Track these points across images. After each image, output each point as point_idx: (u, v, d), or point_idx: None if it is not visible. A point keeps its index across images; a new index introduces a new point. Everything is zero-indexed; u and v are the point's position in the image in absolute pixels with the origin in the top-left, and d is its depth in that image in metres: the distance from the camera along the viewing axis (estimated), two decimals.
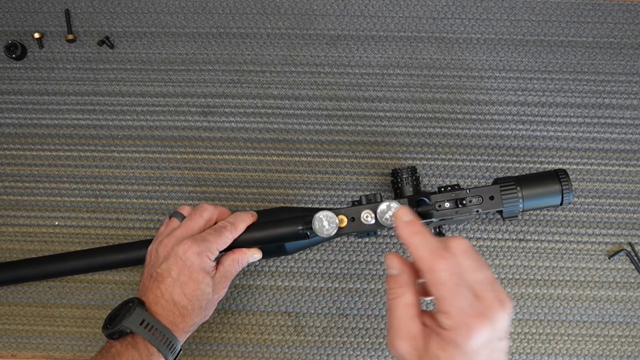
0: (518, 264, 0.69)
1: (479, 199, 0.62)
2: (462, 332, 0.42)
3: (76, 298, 0.70)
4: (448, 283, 0.43)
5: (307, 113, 0.73)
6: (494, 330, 0.43)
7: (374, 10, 0.75)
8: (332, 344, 0.68)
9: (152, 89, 0.74)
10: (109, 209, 0.72)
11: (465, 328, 0.42)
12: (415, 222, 0.47)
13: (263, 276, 0.70)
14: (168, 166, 0.72)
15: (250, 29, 0.75)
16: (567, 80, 0.73)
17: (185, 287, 0.57)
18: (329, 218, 0.59)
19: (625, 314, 0.68)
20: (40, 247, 0.71)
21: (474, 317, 0.42)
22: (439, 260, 0.44)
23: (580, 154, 0.72)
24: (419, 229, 0.47)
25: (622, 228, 0.70)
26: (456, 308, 0.43)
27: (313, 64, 0.74)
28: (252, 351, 0.68)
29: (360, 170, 0.72)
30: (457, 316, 0.42)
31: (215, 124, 0.73)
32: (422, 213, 0.63)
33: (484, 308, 0.43)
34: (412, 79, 0.74)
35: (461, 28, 0.75)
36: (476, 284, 0.44)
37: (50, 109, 0.74)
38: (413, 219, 0.48)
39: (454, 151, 0.72)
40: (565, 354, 0.68)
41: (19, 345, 0.69)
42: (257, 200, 0.71)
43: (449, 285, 0.43)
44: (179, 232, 0.60)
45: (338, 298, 0.69)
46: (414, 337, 0.44)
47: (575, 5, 0.75)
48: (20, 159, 0.73)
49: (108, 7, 0.76)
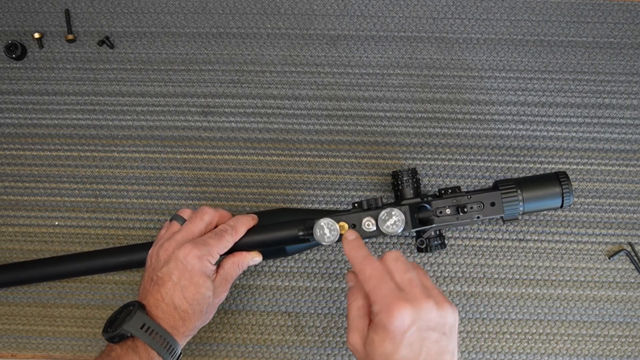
0: (518, 264, 0.69)
1: (479, 205, 0.62)
2: (385, 313, 0.49)
3: (76, 298, 0.70)
4: (373, 277, 0.52)
5: (307, 113, 0.73)
6: (419, 316, 0.49)
7: (374, 10, 0.75)
8: (332, 344, 0.68)
9: (152, 89, 0.74)
10: (109, 209, 0.72)
11: (387, 309, 0.49)
12: (356, 241, 0.57)
13: (263, 276, 0.70)
14: (168, 166, 0.72)
15: (250, 29, 0.75)
16: (567, 80, 0.73)
17: (185, 291, 0.57)
18: (330, 225, 0.59)
19: (625, 314, 0.68)
20: (40, 247, 0.71)
21: (395, 300, 0.49)
22: (367, 263, 0.53)
23: (580, 154, 0.72)
24: (357, 245, 0.56)
25: (622, 228, 0.70)
26: (380, 294, 0.50)
27: (313, 64, 0.74)
28: (252, 351, 0.68)
29: (360, 170, 0.72)
30: (380, 300, 0.50)
31: (215, 124, 0.73)
32: (422, 219, 0.63)
33: (406, 295, 0.50)
34: (412, 79, 0.74)
35: (461, 28, 0.74)
36: (403, 281, 0.51)
37: (50, 109, 0.74)
38: (355, 239, 0.57)
39: (454, 151, 0.72)
40: (565, 354, 0.68)
41: (19, 345, 0.69)
42: (257, 200, 0.71)
43: (374, 278, 0.51)
44: (180, 235, 0.60)
45: (338, 298, 0.69)
46: (362, 330, 0.52)
47: (575, 5, 0.75)
48: (20, 159, 0.73)
49: (108, 7, 0.76)
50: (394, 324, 0.48)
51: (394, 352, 0.48)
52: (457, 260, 0.70)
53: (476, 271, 0.69)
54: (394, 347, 0.48)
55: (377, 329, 0.50)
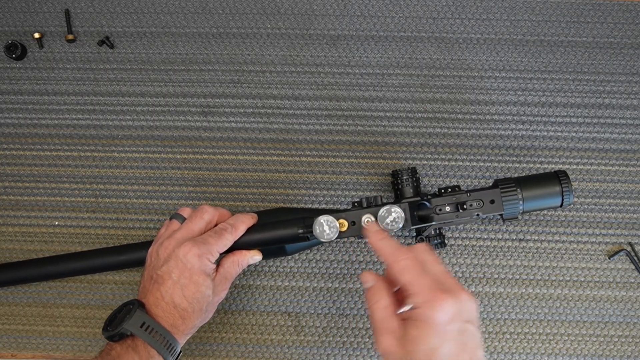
0: (518, 264, 0.69)
1: (479, 202, 0.62)
2: (430, 305, 0.46)
3: (76, 298, 0.70)
4: (411, 267, 0.49)
5: (307, 113, 0.73)
6: (460, 308, 0.47)
7: (374, 10, 0.75)
8: (332, 344, 0.68)
9: (152, 89, 0.74)
10: (109, 209, 0.72)
11: (432, 301, 0.46)
12: (382, 231, 0.55)
13: (263, 276, 0.70)
14: (168, 166, 0.72)
15: (250, 29, 0.75)
16: (567, 80, 0.73)
17: (185, 289, 0.57)
18: (330, 222, 0.59)
19: (625, 314, 0.68)
20: (40, 247, 0.71)
21: (439, 292, 0.47)
22: (401, 253, 0.50)
23: (580, 154, 0.72)
24: (384, 236, 0.54)
25: (622, 228, 0.70)
26: (422, 286, 0.47)
27: (313, 64, 0.74)
28: (252, 351, 0.68)
29: (360, 170, 0.72)
30: (423, 292, 0.47)
31: (215, 124, 0.73)
32: (422, 217, 0.63)
33: (448, 287, 0.47)
34: (412, 79, 0.74)
35: (461, 28, 0.74)
36: (437, 273, 0.49)
37: (50, 109, 0.74)
38: (380, 230, 0.56)
39: (454, 151, 0.72)
40: (565, 354, 0.68)
41: (19, 345, 0.69)
42: (257, 200, 0.71)
43: (413, 269, 0.49)
44: (180, 234, 0.60)
45: (338, 298, 0.69)
46: (394, 331, 0.48)
47: (575, 5, 0.75)
48: (20, 159, 0.73)
49: (108, 7, 0.76)
50: (440, 317, 0.46)
51: (438, 346, 0.46)
52: (457, 260, 0.70)
53: (476, 271, 0.69)
54: (438, 341, 0.46)
55: (418, 324, 0.47)
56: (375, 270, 0.70)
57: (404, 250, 0.51)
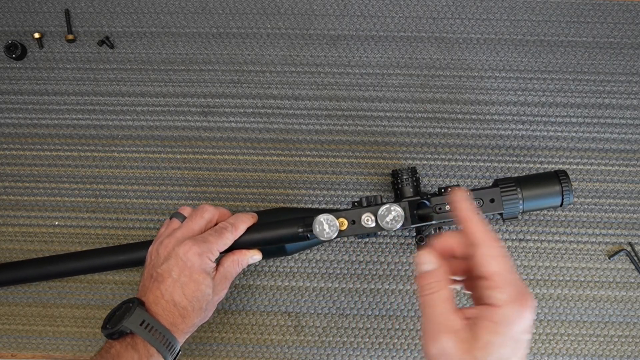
0: (518, 264, 0.69)
1: (479, 201, 0.62)
2: (516, 309, 0.40)
3: (76, 298, 0.70)
4: (505, 258, 0.42)
5: (307, 113, 0.73)
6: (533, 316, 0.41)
7: (374, 10, 0.75)
8: (332, 344, 0.68)
9: (152, 89, 0.74)
10: (109, 209, 0.72)
11: (519, 303, 0.40)
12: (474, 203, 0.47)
13: (263, 276, 0.70)
14: (168, 166, 0.72)
15: (250, 29, 0.75)
16: (567, 80, 0.73)
17: (185, 288, 0.57)
18: (330, 221, 0.59)
19: (625, 314, 0.68)
20: (40, 247, 0.71)
21: (527, 295, 0.41)
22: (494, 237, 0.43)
23: (580, 154, 0.72)
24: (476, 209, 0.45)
25: (622, 228, 0.70)
26: (510, 283, 0.41)
27: (313, 64, 0.74)
28: (252, 351, 0.68)
29: (360, 170, 0.72)
30: (511, 291, 0.40)
31: (215, 124, 0.73)
32: (422, 216, 0.63)
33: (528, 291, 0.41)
34: (412, 79, 0.74)
35: (461, 28, 0.75)
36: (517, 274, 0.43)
37: (50, 109, 0.74)
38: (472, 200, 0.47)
39: (454, 151, 0.72)
40: (565, 354, 0.68)
41: (19, 345, 0.69)
42: (257, 200, 0.71)
43: (507, 261, 0.42)
44: (180, 232, 0.60)
45: (338, 298, 0.69)
46: (458, 331, 0.41)
47: (575, 5, 0.75)
48: (20, 159, 0.73)
49: (108, 7, 0.76)
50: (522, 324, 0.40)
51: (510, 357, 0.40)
52: None
53: None
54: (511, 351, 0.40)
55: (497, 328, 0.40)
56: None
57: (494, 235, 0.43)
